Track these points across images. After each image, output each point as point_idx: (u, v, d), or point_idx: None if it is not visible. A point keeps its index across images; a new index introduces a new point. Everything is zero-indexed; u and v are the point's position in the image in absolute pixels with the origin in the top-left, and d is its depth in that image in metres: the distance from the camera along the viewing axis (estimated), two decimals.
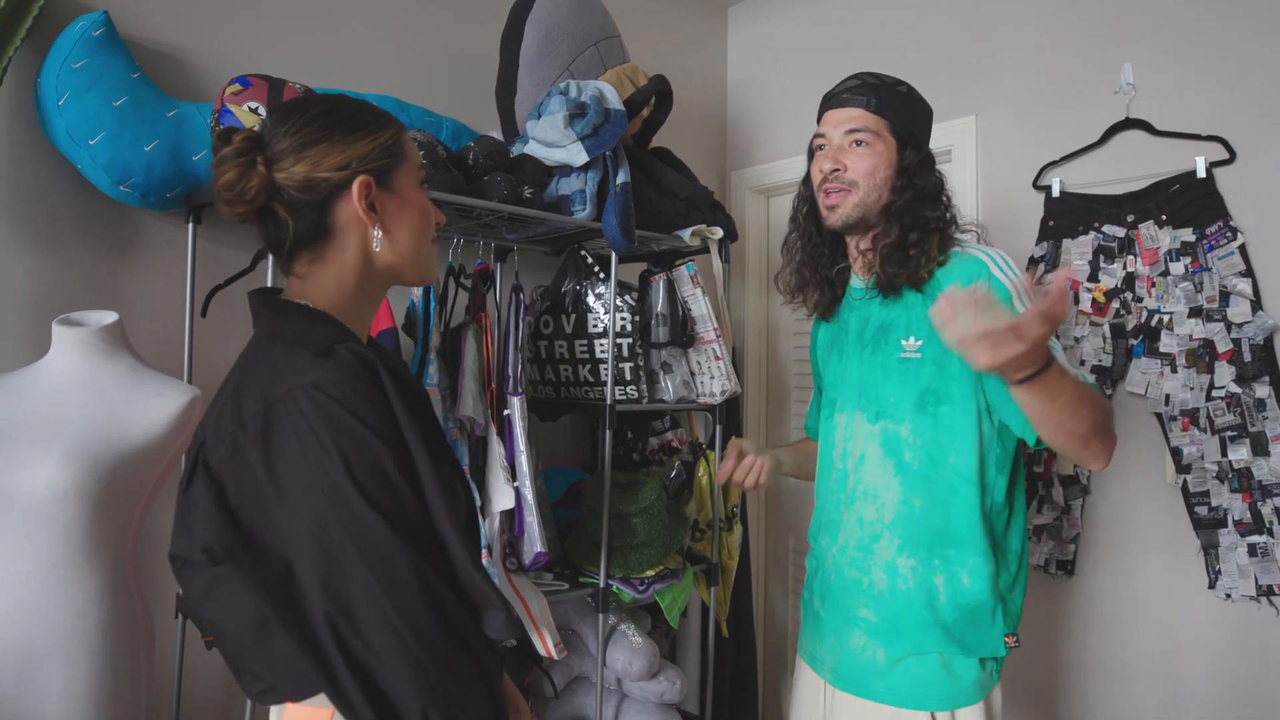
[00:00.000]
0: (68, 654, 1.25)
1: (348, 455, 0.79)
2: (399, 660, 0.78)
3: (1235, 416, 1.77)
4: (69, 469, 1.25)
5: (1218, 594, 1.80)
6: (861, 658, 1.37)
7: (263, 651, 0.83)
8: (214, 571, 0.84)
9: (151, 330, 1.66)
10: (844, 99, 1.40)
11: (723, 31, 3.00)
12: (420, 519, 0.83)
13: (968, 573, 1.32)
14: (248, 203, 0.89)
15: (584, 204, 1.85)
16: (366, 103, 0.99)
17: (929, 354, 1.32)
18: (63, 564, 1.26)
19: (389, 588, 0.78)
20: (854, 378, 1.44)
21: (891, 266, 1.36)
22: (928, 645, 1.32)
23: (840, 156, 1.38)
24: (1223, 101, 1.83)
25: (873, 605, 1.37)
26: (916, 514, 1.34)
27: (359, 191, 0.91)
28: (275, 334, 0.90)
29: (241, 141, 0.89)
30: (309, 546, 0.79)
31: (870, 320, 1.43)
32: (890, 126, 1.38)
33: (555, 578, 1.95)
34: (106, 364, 1.37)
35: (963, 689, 1.32)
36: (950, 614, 1.32)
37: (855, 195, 1.37)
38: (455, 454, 1.10)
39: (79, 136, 1.51)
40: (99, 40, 1.55)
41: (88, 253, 1.64)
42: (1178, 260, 1.86)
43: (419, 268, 0.99)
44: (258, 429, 0.81)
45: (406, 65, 2.10)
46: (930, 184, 1.37)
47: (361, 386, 0.83)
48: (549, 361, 2.05)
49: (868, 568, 1.38)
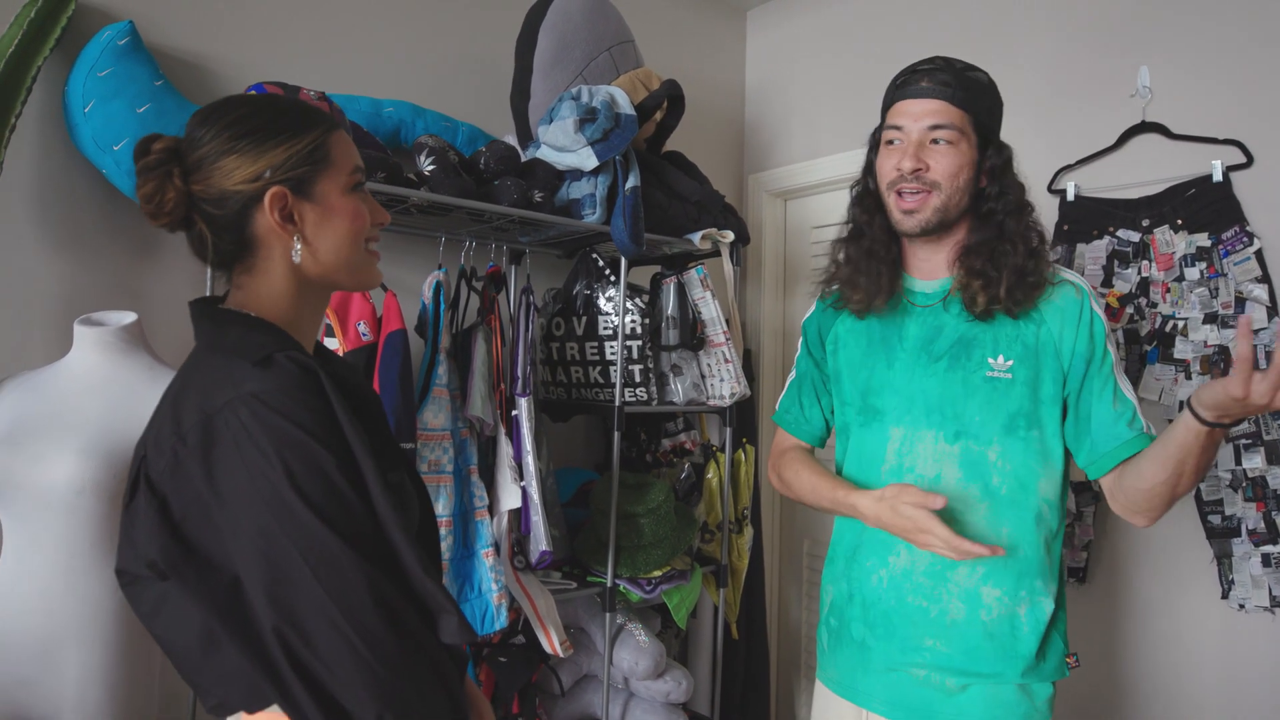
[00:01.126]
0: (85, 641, 1.30)
1: (289, 463, 0.77)
2: (350, 668, 0.77)
3: (1250, 425, 1.75)
4: (87, 464, 1.30)
5: (1231, 604, 1.78)
6: (927, 685, 1.28)
7: (212, 665, 0.83)
8: (161, 586, 0.83)
9: (171, 330, 1.71)
10: (924, 87, 1.25)
11: (741, 35, 3.01)
12: (368, 525, 0.81)
13: (1048, 601, 1.26)
14: (167, 215, 0.87)
15: (594, 208, 1.88)
16: (295, 102, 0.95)
17: (1020, 375, 1.25)
18: (81, 555, 1.30)
19: (336, 594, 0.77)
20: (918, 391, 1.32)
21: (1016, 295, 1.24)
22: (1007, 676, 1.25)
23: (921, 154, 1.24)
24: (1240, 105, 1.81)
25: (944, 636, 1.27)
26: (1004, 541, 1.25)
27: (271, 203, 0.87)
28: (214, 344, 0.88)
29: (160, 151, 0.86)
30: (253, 558, 0.78)
31: (944, 331, 1.31)
32: (974, 122, 1.25)
33: (564, 576, 1.98)
34: (125, 363, 1.42)
35: (1038, 707, 1.26)
36: (1033, 643, 1.25)
37: (937, 198, 1.25)
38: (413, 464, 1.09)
39: (104, 142, 1.57)
40: (124, 49, 1.60)
41: (112, 254, 1.69)
42: (1193, 265, 1.84)
43: (353, 275, 0.96)
44: (197, 441, 0.79)
45: (424, 71, 2.14)
46: (1020, 192, 1.28)
47: (302, 394, 0.81)
48: (560, 363, 2.08)
49: (938, 596, 1.27)
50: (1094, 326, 1.24)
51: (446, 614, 0.83)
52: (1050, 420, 1.26)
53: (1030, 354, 1.25)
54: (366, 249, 0.97)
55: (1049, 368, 1.25)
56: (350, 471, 0.81)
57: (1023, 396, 1.25)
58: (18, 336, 1.59)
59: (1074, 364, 1.24)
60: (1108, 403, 1.22)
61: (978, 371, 1.27)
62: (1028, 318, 1.26)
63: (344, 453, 0.81)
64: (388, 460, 0.94)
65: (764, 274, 2.90)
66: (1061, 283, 1.28)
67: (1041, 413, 1.26)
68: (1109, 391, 1.23)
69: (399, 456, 0.98)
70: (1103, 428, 1.23)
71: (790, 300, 2.89)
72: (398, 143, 1.97)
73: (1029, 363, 1.25)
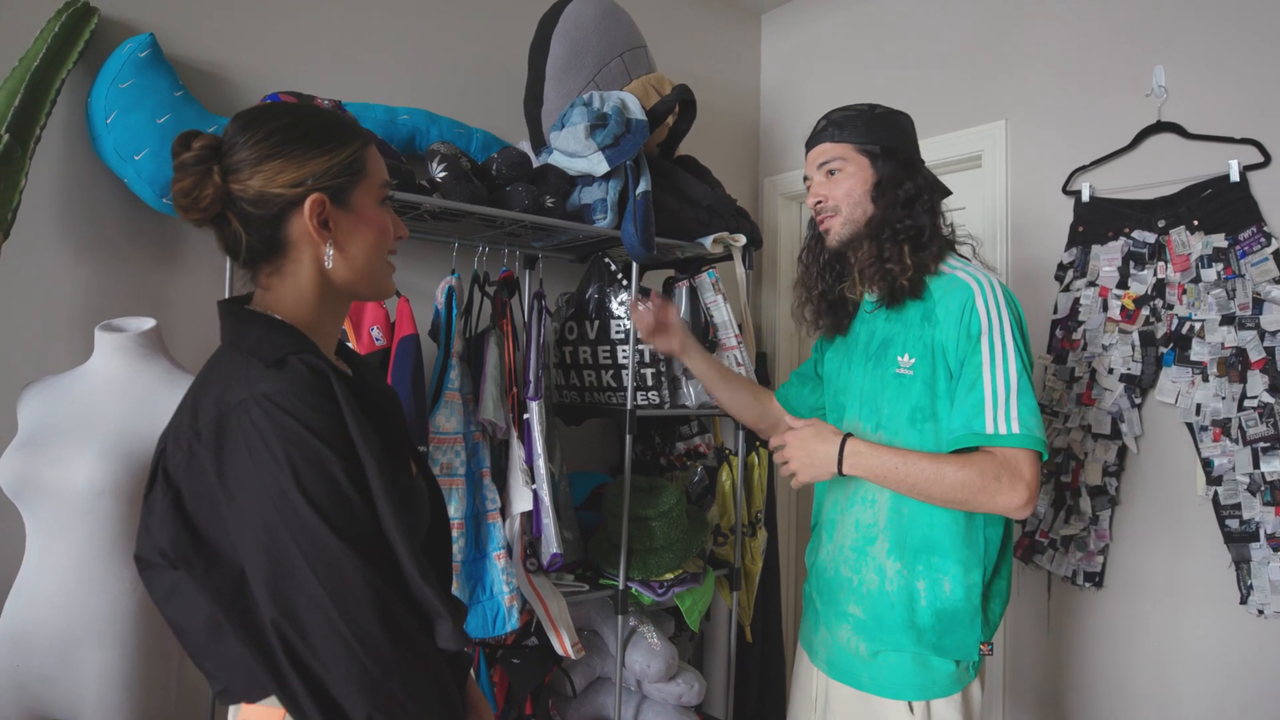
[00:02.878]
0: (104, 639, 1.33)
1: (296, 464, 0.80)
2: (345, 666, 0.79)
3: (1268, 427, 1.73)
4: (106, 466, 1.33)
5: (1249, 610, 1.75)
6: (848, 649, 1.46)
7: (217, 653, 0.86)
8: (173, 574, 0.86)
9: (191, 336, 1.75)
10: (813, 139, 1.52)
11: (756, 39, 3.01)
12: (369, 527, 0.83)
13: (949, 580, 1.38)
14: (202, 210, 0.89)
15: (605, 213, 1.89)
16: (335, 115, 0.98)
17: (920, 373, 1.39)
18: (100, 555, 1.34)
19: (334, 593, 0.79)
20: (857, 388, 1.51)
21: (868, 280, 1.47)
22: (904, 644, 1.39)
23: (819, 189, 1.50)
24: (1257, 103, 1.79)
25: (862, 603, 1.44)
26: (904, 520, 1.41)
27: (311, 210, 0.90)
28: (235, 343, 0.91)
29: (201, 149, 0.89)
30: (257, 553, 0.80)
31: (876, 334, 1.50)
32: (858, 147, 1.46)
33: (577, 579, 1.99)
34: (144, 367, 1.45)
35: (938, 681, 1.38)
36: (927, 618, 1.38)
37: (841, 216, 1.48)
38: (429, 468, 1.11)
39: (125, 152, 1.60)
40: (145, 61, 1.64)
41: (133, 262, 1.73)
42: (1209, 266, 1.82)
43: (373, 284, 0.99)
44: (211, 437, 0.82)
45: (438, 79, 2.17)
46: (903, 191, 1.44)
47: (312, 397, 0.83)
48: (573, 367, 2.10)
49: (860, 567, 1.45)
50: (972, 325, 1.35)
51: (441, 619, 0.85)
52: (944, 414, 1.38)
53: (928, 353, 1.39)
54: (387, 261, 1.01)
55: (941, 365, 1.37)
56: (355, 474, 0.83)
57: (921, 392, 1.39)
58: (42, 342, 1.63)
59: (955, 360, 1.36)
60: (961, 396, 1.34)
61: (890, 369, 1.44)
62: (930, 319, 1.40)
63: (350, 455, 0.83)
64: (399, 463, 0.96)
65: (779, 277, 2.90)
66: (958, 284, 1.39)
67: (937, 406, 1.38)
68: (964, 386, 1.34)
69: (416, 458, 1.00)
70: (951, 418, 1.35)
71: None
72: (412, 150, 1.99)
73: (927, 361, 1.38)
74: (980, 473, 1.27)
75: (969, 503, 1.29)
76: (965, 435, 1.31)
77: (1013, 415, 1.29)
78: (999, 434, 1.28)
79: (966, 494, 1.28)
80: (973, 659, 1.39)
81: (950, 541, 1.38)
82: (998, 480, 1.27)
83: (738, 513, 2.17)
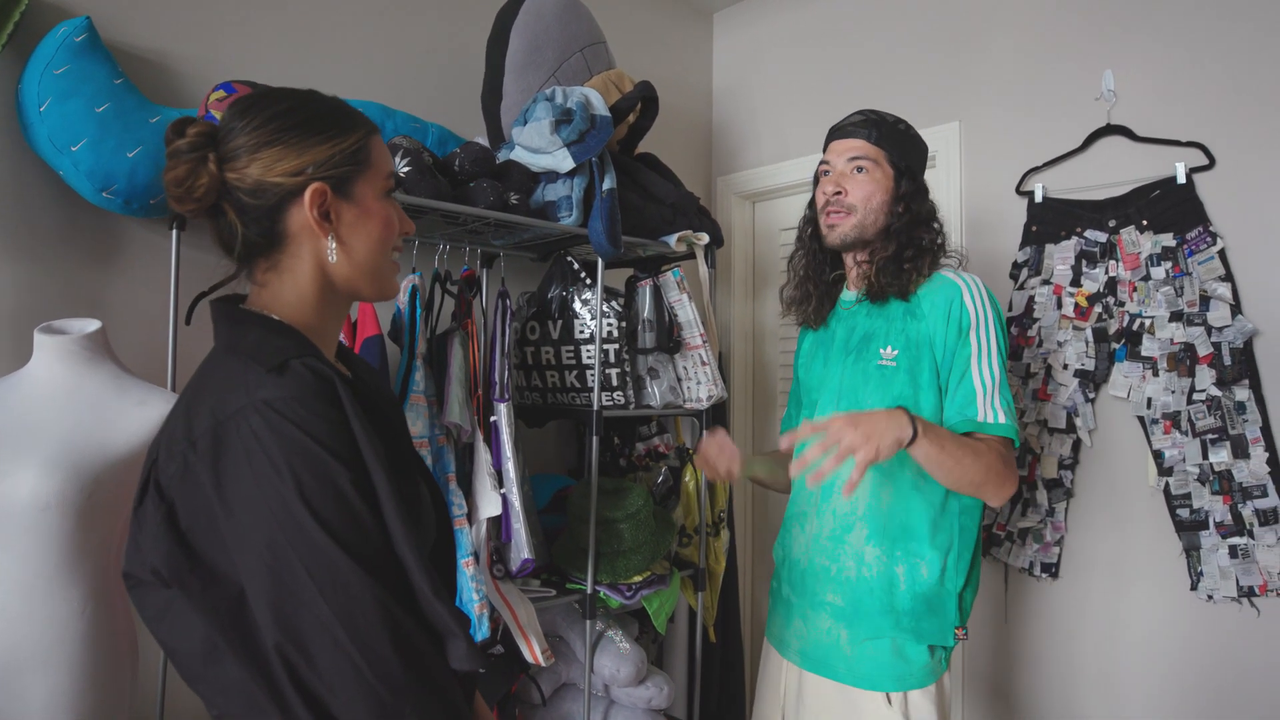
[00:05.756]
0: (49, 665, 1.24)
1: (300, 476, 0.75)
2: (353, 690, 0.74)
3: (1216, 419, 1.79)
4: (51, 479, 1.24)
5: (1200, 595, 1.82)
6: (826, 640, 1.49)
7: (213, 677, 0.80)
8: (166, 593, 0.81)
9: (135, 338, 1.65)
10: (848, 130, 1.55)
11: (708, 37, 3.01)
12: (379, 542, 0.78)
13: (926, 565, 1.44)
14: (196, 201, 0.85)
15: (570, 210, 1.85)
16: (338, 102, 0.94)
17: (903, 364, 1.46)
18: (45, 575, 1.24)
19: (342, 615, 0.74)
20: (834, 382, 1.55)
21: (886, 277, 1.50)
22: (884, 629, 1.44)
23: (842, 181, 1.52)
24: (1202, 108, 1.85)
25: (840, 591, 1.48)
26: (883, 508, 1.47)
27: (311, 200, 0.86)
28: (232, 346, 0.85)
29: (195, 135, 0.84)
30: (259, 571, 0.75)
31: (856, 329, 1.55)
32: (889, 158, 1.52)
33: (543, 584, 1.95)
34: (89, 372, 1.36)
35: (914, 672, 1.44)
36: (907, 601, 1.44)
37: (854, 218, 1.52)
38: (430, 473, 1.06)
39: (61, 143, 1.50)
40: (81, 46, 1.54)
41: (71, 260, 1.62)
42: (1159, 265, 1.88)
43: (376, 283, 0.94)
44: (207, 447, 0.77)
45: (393, 71, 2.10)
46: (925, 210, 1.53)
47: (317, 403, 0.78)
48: (536, 368, 2.05)
49: (838, 556, 1.50)
50: (962, 320, 1.43)
51: (455, 638, 0.81)
52: (927, 404, 1.44)
53: (912, 346, 1.45)
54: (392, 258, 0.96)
55: (926, 358, 1.44)
56: (364, 486, 0.78)
57: (904, 383, 1.45)
58: None
59: (944, 353, 1.44)
60: (953, 386, 1.43)
61: (872, 361, 1.49)
62: (914, 315, 1.47)
63: (358, 466, 0.79)
64: (404, 471, 0.91)
65: (733, 276, 2.90)
66: (945, 282, 1.48)
67: (920, 398, 1.44)
68: (954, 377, 1.43)
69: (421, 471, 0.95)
70: (949, 408, 1.43)
71: (760, 302, 2.90)
72: None
73: (910, 353, 1.45)
74: (1000, 458, 1.37)
75: (985, 485, 1.36)
76: (961, 422, 1.40)
77: (998, 406, 1.38)
78: (987, 422, 1.38)
79: (991, 476, 1.35)
80: (948, 644, 1.46)
81: (924, 528, 1.45)
82: (1007, 467, 1.37)
83: (701, 513, 2.16)
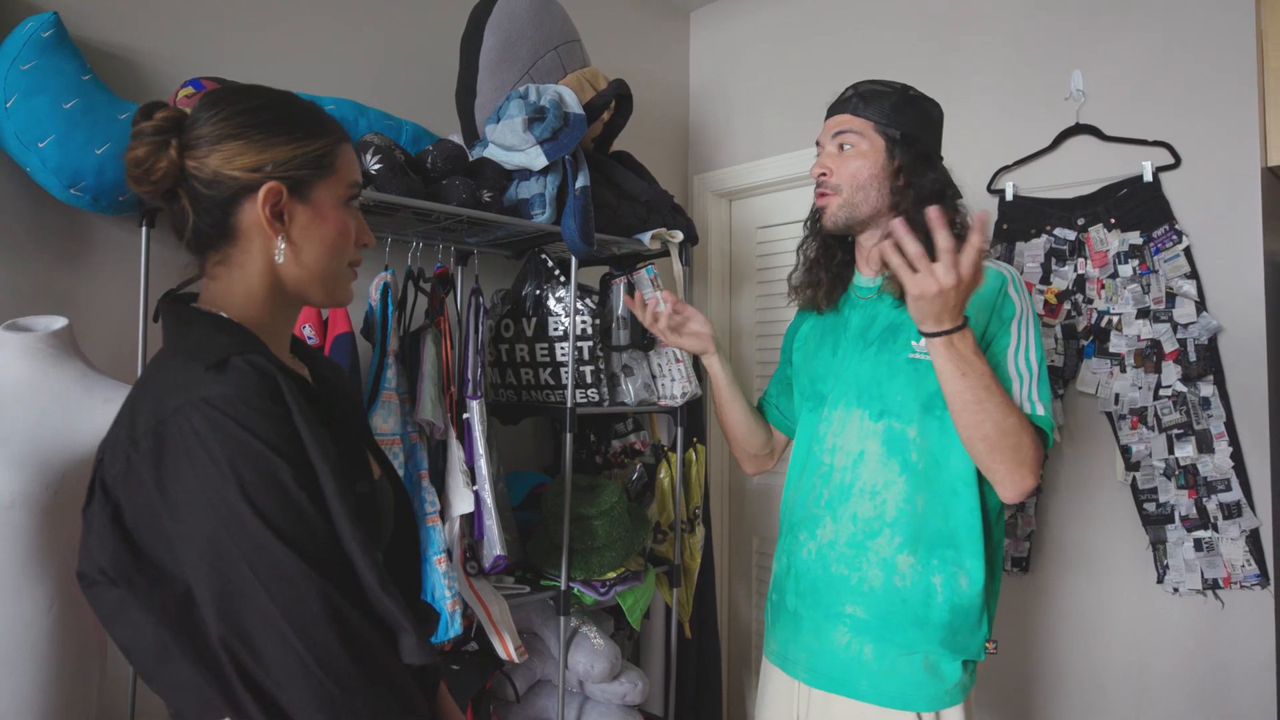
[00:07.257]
0: (14, 664, 1.23)
1: (242, 473, 0.74)
2: (302, 685, 0.74)
3: (1181, 415, 1.82)
4: (16, 477, 1.23)
5: (1166, 588, 1.85)
6: (845, 655, 1.36)
7: (166, 674, 0.80)
8: (117, 592, 0.81)
9: (104, 336, 1.64)
10: (835, 107, 1.45)
11: (685, 36, 3.02)
12: (324, 538, 0.78)
13: (965, 575, 1.32)
14: (153, 183, 0.85)
15: (543, 208, 1.85)
16: (313, 106, 0.94)
17: None
18: (10, 573, 1.23)
19: (287, 609, 0.74)
20: (851, 375, 1.42)
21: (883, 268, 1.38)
22: (917, 645, 1.32)
23: (826, 161, 1.42)
24: (1168, 108, 1.88)
25: (863, 602, 1.35)
26: (919, 513, 1.33)
27: (265, 198, 0.86)
28: (176, 345, 0.85)
29: (162, 119, 0.85)
30: (203, 569, 0.75)
31: (877, 319, 1.42)
32: (877, 126, 1.38)
33: (517, 581, 1.95)
34: (55, 370, 1.35)
35: (948, 689, 1.32)
36: (943, 614, 1.32)
37: (839, 198, 1.40)
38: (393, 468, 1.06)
39: (28, 139, 1.49)
40: (48, 42, 1.52)
41: (38, 257, 1.61)
42: (1126, 263, 1.90)
43: (326, 289, 0.94)
44: (150, 447, 0.77)
45: (366, 68, 2.09)
46: (928, 183, 1.36)
47: (258, 400, 0.78)
48: (510, 365, 2.06)
49: (859, 564, 1.36)
50: (1005, 309, 1.32)
51: (405, 633, 0.81)
52: None
53: None
54: (346, 266, 0.96)
55: None
56: (308, 482, 0.78)
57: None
58: None
59: (985, 344, 1.32)
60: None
61: (901, 354, 1.36)
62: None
63: (301, 462, 0.78)
64: (358, 467, 0.91)
65: (710, 274, 2.91)
66: (990, 269, 1.35)
67: None
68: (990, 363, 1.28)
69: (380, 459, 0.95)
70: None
71: (736, 300, 2.91)
72: None
73: None
74: (1030, 439, 1.23)
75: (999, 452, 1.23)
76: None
77: (1036, 399, 1.27)
78: (1024, 411, 1.27)
79: (1007, 443, 1.22)
80: (979, 658, 1.35)
81: (966, 535, 1.33)
82: (1035, 449, 1.24)
83: (676, 509, 2.17)
